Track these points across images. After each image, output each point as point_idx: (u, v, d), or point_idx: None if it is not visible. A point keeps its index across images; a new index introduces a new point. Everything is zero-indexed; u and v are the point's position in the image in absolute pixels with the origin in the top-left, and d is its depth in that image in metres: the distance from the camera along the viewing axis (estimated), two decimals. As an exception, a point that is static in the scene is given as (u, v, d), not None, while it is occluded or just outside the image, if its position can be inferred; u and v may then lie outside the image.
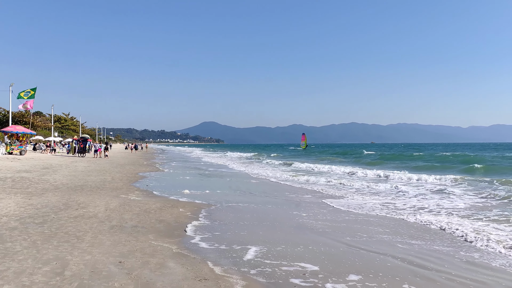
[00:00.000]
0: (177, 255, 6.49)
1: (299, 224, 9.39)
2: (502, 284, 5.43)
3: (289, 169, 30.57)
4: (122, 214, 9.84)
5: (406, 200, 13.56)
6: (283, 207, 11.94)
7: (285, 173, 25.78)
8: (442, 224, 9.24)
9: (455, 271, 5.96)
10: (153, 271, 5.62)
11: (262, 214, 10.59)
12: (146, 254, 6.42)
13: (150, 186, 16.65)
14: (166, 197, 13.45)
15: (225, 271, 5.73)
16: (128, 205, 11.31)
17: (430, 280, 5.55)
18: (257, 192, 15.78)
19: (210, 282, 5.25)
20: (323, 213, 10.81)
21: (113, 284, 5.04)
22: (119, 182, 17.68)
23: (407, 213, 10.97)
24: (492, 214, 10.74)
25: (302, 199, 13.78)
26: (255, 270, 5.82)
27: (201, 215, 10.17)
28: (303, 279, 5.51)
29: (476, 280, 5.58)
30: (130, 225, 8.65)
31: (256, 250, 6.93)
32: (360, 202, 13.04)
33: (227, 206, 11.82)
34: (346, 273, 5.79)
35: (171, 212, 10.43)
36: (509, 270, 6.08)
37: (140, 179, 19.84)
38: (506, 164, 32.95)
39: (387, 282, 5.44)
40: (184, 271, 5.67)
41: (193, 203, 12.10)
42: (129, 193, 14.10)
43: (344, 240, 7.78)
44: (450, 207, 12.03)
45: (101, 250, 6.55)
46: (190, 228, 8.59)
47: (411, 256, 6.72)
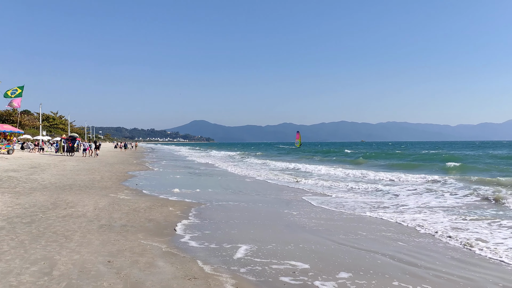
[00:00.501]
0: (167, 254, 6.46)
1: (289, 222, 9.40)
2: (489, 281, 5.50)
3: (270, 168, 30.37)
4: (111, 213, 9.77)
5: (392, 200, 13.63)
6: (274, 205, 11.94)
7: (269, 172, 25.80)
8: (420, 222, 9.35)
9: (443, 268, 6.02)
10: (142, 270, 5.59)
11: (252, 213, 10.59)
12: (135, 253, 6.39)
13: (140, 185, 16.57)
14: (155, 196, 13.39)
15: (215, 270, 5.72)
16: (117, 204, 11.24)
17: (418, 277, 5.59)
18: (246, 190, 15.77)
19: (199, 281, 5.24)
20: (311, 212, 10.84)
21: (101, 284, 5.01)
22: (108, 181, 17.56)
23: (391, 211, 11.05)
24: (467, 212, 10.88)
25: (290, 197, 13.80)
26: (245, 269, 5.82)
27: (191, 214, 10.14)
28: (293, 277, 5.52)
29: (463, 277, 5.64)
30: (119, 224, 8.60)
31: (246, 248, 6.93)
32: (344, 201, 13.09)
33: (217, 204, 11.80)
34: (336, 271, 5.81)
35: (161, 211, 10.39)
36: (495, 267, 6.16)
37: (130, 178, 19.73)
38: (486, 162, 33.32)
39: (376, 280, 5.47)
40: (173, 270, 5.65)
41: (183, 202, 12.06)
42: (118, 192, 14.01)
43: (333, 238, 7.81)
44: (432, 205, 12.14)
45: (90, 250, 6.50)
46: (179, 227, 8.56)
47: (400, 254, 6.77)
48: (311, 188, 16.76)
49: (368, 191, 15.69)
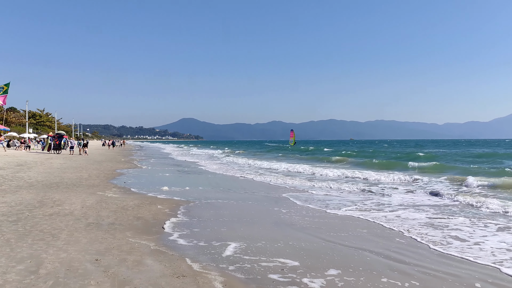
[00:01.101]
0: (155, 252, 6.44)
1: (278, 220, 9.42)
2: (475, 277, 5.57)
3: (252, 167, 30.31)
4: (99, 212, 9.70)
5: (374, 199, 13.74)
6: (262, 203, 11.96)
7: (250, 171, 25.82)
8: (403, 220, 9.45)
9: (429, 265, 6.08)
10: (130, 268, 5.56)
11: (241, 210, 10.59)
12: (123, 252, 6.35)
13: (128, 183, 16.46)
14: (144, 194, 13.32)
15: (203, 268, 5.72)
16: (105, 202, 11.17)
17: (406, 274, 5.64)
18: (235, 188, 15.76)
19: (188, 278, 5.23)
20: (298, 209, 10.88)
21: (89, 282, 4.98)
22: (96, 179, 17.42)
23: (375, 210, 11.15)
24: (444, 210, 11.04)
25: (277, 195, 13.83)
26: (233, 266, 5.83)
27: (180, 212, 10.11)
28: (281, 274, 5.54)
29: (449, 273, 5.71)
30: (107, 222, 8.54)
31: (235, 246, 6.93)
32: (327, 198, 13.16)
33: (206, 202, 11.78)
34: (325, 268, 5.84)
35: (149, 209, 10.34)
36: (480, 262, 6.24)
37: (118, 176, 19.59)
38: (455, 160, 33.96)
39: (364, 276, 5.51)
40: (162, 268, 5.63)
41: (171, 200, 12.02)
42: (106, 190, 13.91)
43: (322, 236, 7.85)
44: (411, 203, 12.27)
45: (77, 248, 6.45)
46: (168, 225, 8.53)
47: (387, 251, 6.83)
48: (295, 186, 16.81)
49: (351, 191, 15.76)
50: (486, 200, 11.68)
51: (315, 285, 5.17)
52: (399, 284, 5.27)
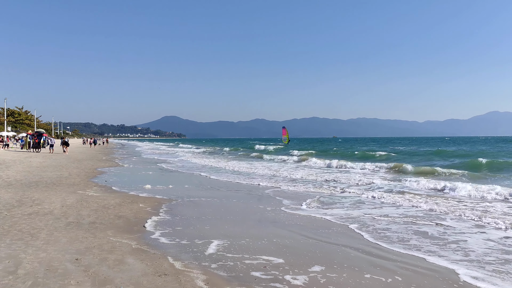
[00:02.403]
0: (137, 251, 6.38)
1: (261, 217, 9.43)
2: (454, 272, 5.66)
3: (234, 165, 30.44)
4: (79, 211, 9.57)
5: (352, 196, 13.87)
6: (245, 201, 11.95)
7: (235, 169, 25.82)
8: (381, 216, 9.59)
9: (409, 261, 6.17)
10: (111, 267, 5.50)
11: (224, 208, 10.56)
12: (104, 251, 6.28)
13: (109, 182, 16.27)
14: (125, 192, 13.19)
15: (185, 266, 5.69)
16: (85, 201, 11.02)
17: (387, 270, 5.71)
18: (218, 186, 15.72)
19: (170, 277, 5.19)
20: (280, 207, 10.90)
21: (69, 282, 4.91)
22: (77, 178, 17.18)
23: (359, 207, 11.26)
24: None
25: (260, 193, 13.84)
26: (216, 264, 5.81)
27: (162, 210, 10.04)
28: (264, 271, 5.54)
29: (429, 269, 5.80)
30: (87, 221, 8.43)
31: (218, 244, 6.91)
32: (298, 194, 13.24)
33: (189, 201, 11.72)
34: (308, 265, 5.87)
35: (131, 207, 10.24)
36: (457, 257, 6.36)
37: (99, 175, 19.36)
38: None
39: (347, 273, 5.56)
40: (143, 267, 5.58)
41: (153, 198, 11.93)
42: (87, 188, 13.73)
43: (304, 233, 7.88)
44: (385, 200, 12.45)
45: (57, 248, 6.35)
46: (150, 223, 8.46)
47: (368, 247, 6.90)
48: (274, 183, 16.86)
49: (316, 184, 15.90)
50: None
51: (298, 281, 5.20)
52: (382, 279, 5.33)
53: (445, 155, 35.94)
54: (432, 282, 5.25)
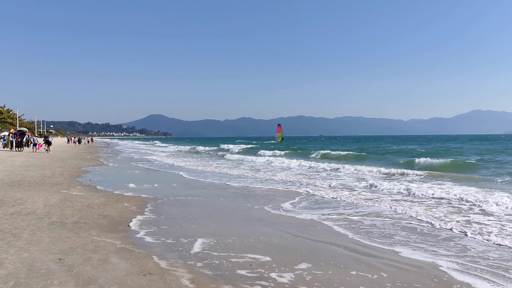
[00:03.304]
0: (121, 250, 6.32)
1: (248, 216, 9.42)
2: (438, 268, 5.73)
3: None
4: (63, 210, 9.45)
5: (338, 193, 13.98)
6: (232, 199, 11.93)
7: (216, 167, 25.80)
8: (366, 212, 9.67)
9: (394, 257, 6.23)
10: (95, 267, 5.44)
11: (211, 207, 10.53)
12: (88, 250, 6.20)
13: (94, 181, 16.10)
14: (110, 191, 13.05)
15: (171, 265, 5.65)
16: (69, 200, 10.88)
17: (373, 267, 5.74)
18: (203, 185, 15.67)
19: (155, 276, 5.16)
20: (266, 204, 10.92)
21: (52, 282, 4.84)
22: (60, 177, 16.95)
23: (342, 204, 11.34)
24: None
25: (246, 191, 13.85)
26: (202, 263, 5.78)
27: (147, 209, 9.97)
28: (250, 270, 5.54)
29: (412, 265, 5.86)
30: (71, 221, 8.32)
31: (204, 242, 6.88)
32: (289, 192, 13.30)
33: (174, 199, 11.66)
34: (294, 263, 5.87)
35: (116, 206, 10.15)
36: (442, 253, 6.45)
37: (83, 174, 19.13)
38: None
39: (333, 270, 5.58)
40: (128, 266, 5.53)
41: (138, 197, 11.84)
42: (70, 188, 13.56)
43: (290, 231, 7.90)
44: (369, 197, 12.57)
45: (40, 248, 6.26)
46: (135, 222, 8.39)
47: (354, 245, 6.95)
48: (254, 181, 16.90)
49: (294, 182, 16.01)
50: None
51: (284, 279, 5.20)
52: (369, 276, 5.38)
53: (409, 154, 35.67)
54: (417, 278, 5.32)
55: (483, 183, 15.20)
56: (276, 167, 25.20)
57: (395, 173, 19.36)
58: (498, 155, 31.12)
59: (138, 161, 31.31)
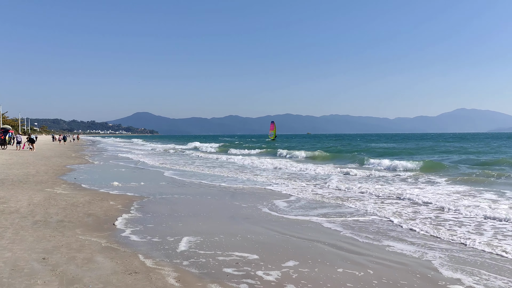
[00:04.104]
0: (106, 249, 6.26)
1: (235, 213, 9.41)
2: (422, 265, 5.80)
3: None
4: (47, 209, 9.33)
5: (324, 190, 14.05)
6: (219, 197, 11.90)
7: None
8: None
9: (379, 254, 6.28)
10: (80, 266, 5.38)
11: (198, 205, 10.48)
12: (72, 249, 6.13)
13: (79, 179, 15.93)
14: (95, 190, 12.92)
15: (156, 264, 5.62)
16: (53, 199, 10.75)
17: (359, 265, 5.78)
18: (189, 183, 15.61)
19: (140, 275, 5.12)
20: (252, 202, 10.93)
21: (35, 282, 4.77)
22: (44, 175, 16.73)
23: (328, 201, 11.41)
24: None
25: (232, 190, 13.84)
26: (188, 261, 5.76)
27: (133, 207, 9.89)
28: (236, 268, 5.53)
29: (397, 262, 5.92)
30: (55, 219, 8.22)
31: (191, 241, 6.86)
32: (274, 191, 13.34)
33: (161, 198, 11.59)
34: (281, 260, 5.88)
35: (101, 205, 10.05)
36: (424, 251, 6.52)
37: (68, 172, 18.91)
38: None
39: (319, 268, 5.60)
40: (113, 265, 5.48)
41: (124, 196, 11.74)
42: (55, 186, 13.39)
43: (277, 229, 7.91)
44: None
45: (23, 247, 6.17)
46: (120, 221, 8.32)
47: (340, 242, 6.98)
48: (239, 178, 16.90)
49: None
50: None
51: (271, 277, 5.21)
52: (356, 273, 5.41)
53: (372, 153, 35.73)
54: (403, 275, 5.37)
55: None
56: (253, 167, 24.98)
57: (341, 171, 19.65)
58: (450, 156, 30.80)
59: (113, 159, 31.00)
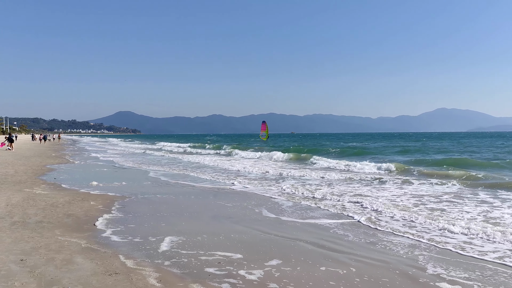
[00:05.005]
0: (86, 250, 6.17)
1: (217, 213, 9.37)
2: (403, 263, 5.85)
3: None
4: (26, 209, 9.15)
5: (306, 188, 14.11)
6: (202, 197, 11.84)
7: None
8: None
9: (361, 253, 6.33)
10: (59, 267, 5.29)
11: (180, 205, 10.41)
12: (51, 251, 6.03)
13: (59, 179, 15.67)
14: (76, 190, 12.73)
15: (137, 264, 5.55)
16: (32, 199, 10.55)
17: (342, 263, 5.80)
18: (172, 183, 15.50)
19: (121, 276, 5.05)
20: (235, 202, 10.91)
21: (13, 284, 4.67)
22: (23, 175, 16.41)
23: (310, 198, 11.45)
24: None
25: (215, 189, 13.79)
26: (169, 261, 5.71)
27: (114, 207, 9.77)
28: (218, 267, 5.50)
29: (379, 260, 5.97)
30: (34, 220, 8.07)
31: (173, 241, 6.81)
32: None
33: (143, 197, 11.48)
34: (264, 260, 5.88)
35: (81, 205, 9.90)
36: (402, 249, 6.59)
37: (48, 172, 18.59)
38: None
39: (301, 266, 5.61)
40: (93, 266, 5.40)
41: (105, 196, 11.59)
42: (34, 186, 13.15)
43: (260, 228, 7.90)
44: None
45: (0, 248, 6.04)
46: (101, 221, 8.20)
47: (322, 241, 7.01)
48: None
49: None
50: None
51: (253, 276, 5.20)
52: (339, 272, 5.43)
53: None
54: (383, 273, 5.42)
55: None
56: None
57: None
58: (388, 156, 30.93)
59: (90, 159, 30.63)
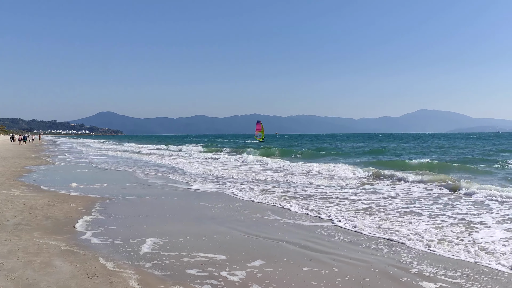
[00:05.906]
0: (65, 252, 6.06)
1: (201, 214, 9.32)
2: (384, 263, 5.90)
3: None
4: (3, 212, 8.95)
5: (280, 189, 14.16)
6: (185, 198, 11.77)
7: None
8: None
9: (343, 252, 6.36)
10: (37, 270, 5.18)
11: (162, 206, 10.31)
12: (29, 253, 5.90)
13: (38, 180, 15.37)
14: (55, 191, 12.50)
15: (118, 266, 5.48)
16: (10, 201, 10.33)
17: (324, 263, 5.82)
18: (154, 184, 15.37)
19: (100, 278, 4.97)
20: (220, 202, 10.87)
21: (-12, 288, 4.56)
22: (1, 177, 16.06)
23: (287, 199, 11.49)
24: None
25: (199, 190, 13.73)
26: (151, 263, 5.65)
27: (95, 209, 9.62)
28: (200, 269, 5.47)
29: (360, 259, 6.01)
30: (12, 223, 7.90)
31: (154, 242, 6.74)
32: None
33: (124, 199, 11.34)
34: (247, 260, 5.87)
35: (61, 207, 9.73)
36: (386, 249, 6.66)
37: (27, 173, 18.23)
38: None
39: (283, 267, 5.61)
40: (72, 269, 5.31)
41: (86, 197, 11.41)
42: (12, 188, 12.88)
43: (243, 229, 7.87)
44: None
45: (-24, 252, 5.89)
46: (81, 223, 8.07)
47: (303, 241, 7.02)
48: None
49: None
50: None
51: (235, 277, 5.18)
52: (321, 272, 5.44)
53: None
54: (364, 272, 5.45)
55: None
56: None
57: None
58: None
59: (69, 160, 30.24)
